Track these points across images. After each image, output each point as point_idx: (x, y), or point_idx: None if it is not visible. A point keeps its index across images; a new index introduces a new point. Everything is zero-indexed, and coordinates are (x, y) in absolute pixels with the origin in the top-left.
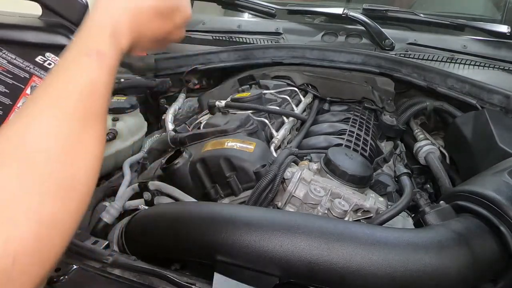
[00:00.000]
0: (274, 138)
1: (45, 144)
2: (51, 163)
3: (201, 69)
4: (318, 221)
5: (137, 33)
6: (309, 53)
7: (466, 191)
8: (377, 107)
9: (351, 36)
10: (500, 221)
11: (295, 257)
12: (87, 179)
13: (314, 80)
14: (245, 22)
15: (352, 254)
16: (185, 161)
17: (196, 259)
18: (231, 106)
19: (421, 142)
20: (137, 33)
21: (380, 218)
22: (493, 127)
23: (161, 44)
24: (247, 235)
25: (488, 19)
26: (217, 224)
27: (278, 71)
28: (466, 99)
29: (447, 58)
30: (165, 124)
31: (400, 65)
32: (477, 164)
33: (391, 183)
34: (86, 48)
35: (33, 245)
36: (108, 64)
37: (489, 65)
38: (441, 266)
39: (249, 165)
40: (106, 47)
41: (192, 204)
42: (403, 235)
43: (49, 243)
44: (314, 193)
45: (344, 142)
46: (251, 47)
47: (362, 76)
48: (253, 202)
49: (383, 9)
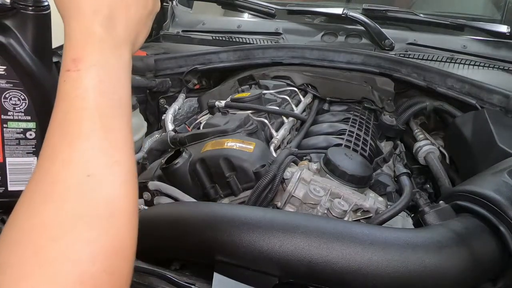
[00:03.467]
0: (274, 138)
1: (76, 177)
2: (88, 192)
3: (201, 69)
4: (317, 221)
5: (120, 19)
6: (309, 53)
7: (465, 191)
8: (377, 107)
9: (351, 36)
10: (500, 221)
11: (295, 257)
12: (125, 196)
13: (314, 80)
14: (245, 22)
15: (351, 254)
16: (185, 161)
17: (196, 259)
18: (231, 106)
19: (421, 142)
20: (120, 19)
21: (379, 218)
22: (493, 127)
23: (149, 24)
24: (247, 235)
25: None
26: (217, 224)
27: (277, 71)
28: (466, 99)
29: (446, 58)
30: (165, 124)
31: (399, 65)
32: (477, 164)
33: (391, 183)
34: (64, 64)
35: (106, 278)
36: (92, 63)
37: (489, 65)
38: (441, 266)
39: (248, 165)
40: (82, 50)
41: (191, 204)
42: (403, 235)
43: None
44: (313, 193)
45: (343, 142)
46: (251, 47)
47: (361, 76)
48: (252, 202)
49: (382, 9)
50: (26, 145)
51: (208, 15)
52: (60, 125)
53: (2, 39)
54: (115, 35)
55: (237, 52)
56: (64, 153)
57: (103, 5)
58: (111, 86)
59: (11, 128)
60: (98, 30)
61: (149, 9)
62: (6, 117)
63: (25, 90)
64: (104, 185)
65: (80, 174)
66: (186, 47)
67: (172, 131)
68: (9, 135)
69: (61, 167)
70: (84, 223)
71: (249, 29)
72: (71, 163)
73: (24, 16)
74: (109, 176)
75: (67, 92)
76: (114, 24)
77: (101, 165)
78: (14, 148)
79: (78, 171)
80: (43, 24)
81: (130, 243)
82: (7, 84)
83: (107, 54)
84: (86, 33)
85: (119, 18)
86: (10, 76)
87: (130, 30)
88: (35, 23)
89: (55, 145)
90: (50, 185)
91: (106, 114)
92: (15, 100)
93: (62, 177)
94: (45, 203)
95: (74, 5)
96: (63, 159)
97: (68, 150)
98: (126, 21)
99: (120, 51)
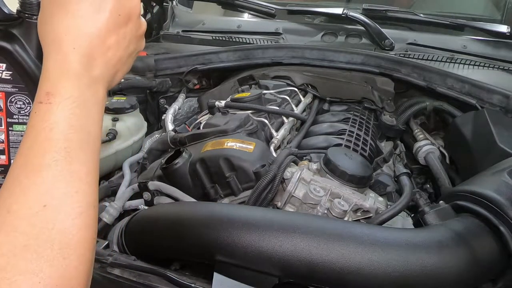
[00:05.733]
0: (274, 138)
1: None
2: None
3: (201, 69)
4: (317, 221)
5: (99, 59)
6: (308, 53)
7: (465, 191)
8: (377, 107)
9: (351, 36)
10: (500, 221)
11: (295, 257)
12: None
13: (314, 80)
14: (245, 22)
15: (351, 254)
16: (185, 161)
17: (196, 259)
18: (231, 106)
19: (421, 142)
20: (98, 59)
21: (379, 218)
22: (493, 127)
23: (129, 62)
24: (247, 235)
25: (488, 19)
26: (217, 224)
27: (277, 71)
28: (466, 99)
29: (447, 58)
30: (165, 124)
31: (399, 65)
32: (477, 164)
33: (391, 183)
34: (38, 95)
35: None
36: (65, 97)
37: (489, 65)
38: (441, 266)
39: (248, 165)
40: (57, 83)
41: (191, 204)
42: (403, 235)
43: None
44: (313, 193)
45: (344, 142)
46: (251, 47)
47: (362, 76)
48: (252, 202)
49: (382, 9)
50: None
51: (208, 15)
52: (25, 155)
53: (9, 46)
54: (92, 73)
55: (237, 52)
56: (22, 183)
57: (83, 44)
58: (82, 120)
59: (16, 131)
60: (75, 66)
61: (129, 51)
62: (11, 120)
63: (29, 94)
64: (59, 216)
65: (35, 205)
66: (186, 47)
67: (172, 131)
68: (14, 138)
69: (18, 197)
70: (31, 253)
71: (249, 29)
72: (28, 193)
73: (29, 24)
74: (65, 206)
75: (36, 123)
76: (92, 62)
77: (58, 196)
78: None
79: (34, 201)
80: None
81: (81, 276)
82: (13, 88)
83: (82, 89)
84: (63, 68)
85: (98, 57)
86: (16, 81)
87: (108, 70)
88: None
89: (17, 175)
90: (5, 214)
91: (72, 146)
92: (20, 104)
93: (17, 207)
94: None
95: (56, 40)
96: (22, 189)
97: (27, 180)
98: (105, 61)
99: (96, 87)
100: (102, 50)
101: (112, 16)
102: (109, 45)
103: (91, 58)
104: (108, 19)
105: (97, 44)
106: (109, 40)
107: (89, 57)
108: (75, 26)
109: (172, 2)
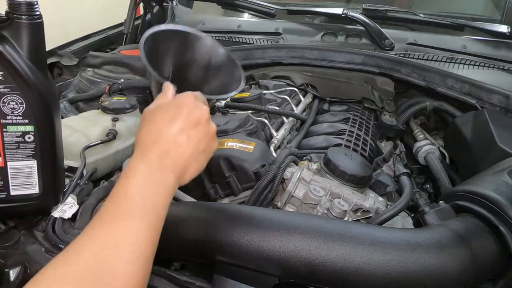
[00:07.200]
0: (274, 138)
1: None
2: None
3: None
4: (317, 221)
5: (172, 152)
6: (308, 53)
7: (465, 191)
8: (377, 107)
9: (351, 36)
10: (500, 221)
11: (295, 257)
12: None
13: (314, 80)
14: (245, 22)
15: (351, 254)
16: None
17: (196, 259)
18: (231, 106)
19: (421, 142)
20: (171, 152)
21: (379, 218)
22: (493, 127)
23: (201, 158)
24: (247, 235)
25: (488, 19)
26: (217, 224)
27: (277, 71)
28: (466, 99)
29: (446, 58)
30: None
31: (399, 65)
32: (477, 164)
33: (391, 183)
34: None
35: None
36: (139, 174)
37: (488, 65)
38: (441, 266)
39: (248, 165)
40: (136, 167)
41: (191, 204)
42: (403, 235)
43: None
44: (313, 193)
45: (343, 142)
46: (251, 47)
47: (362, 76)
48: (252, 202)
49: (382, 9)
50: (25, 148)
51: (208, 15)
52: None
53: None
54: (165, 162)
55: (237, 52)
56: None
57: (161, 140)
58: (149, 194)
59: (10, 132)
60: (152, 156)
61: (200, 148)
62: (5, 121)
63: (21, 94)
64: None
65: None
66: None
67: None
68: (9, 139)
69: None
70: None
71: (249, 29)
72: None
73: (18, 25)
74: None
75: (115, 189)
76: (165, 155)
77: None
78: (14, 152)
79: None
80: (36, 32)
81: None
82: (4, 89)
83: (153, 171)
84: (144, 157)
85: (171, 152)
86: (8, 81)
87: (179, 162)
88: (29, 31)
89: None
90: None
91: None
92: (13, 104)
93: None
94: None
95: (142, 140)
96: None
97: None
98: (177, 155)
99: (166, 173)
100: (175, 146)
101: (183, 123)
102: (180, 142)
103: (165, 152)
104: (180, 125)
105: (170, 141)
106: (180, 139)
107: (164, 151)
108: (155, 130)
109: (172, 2)
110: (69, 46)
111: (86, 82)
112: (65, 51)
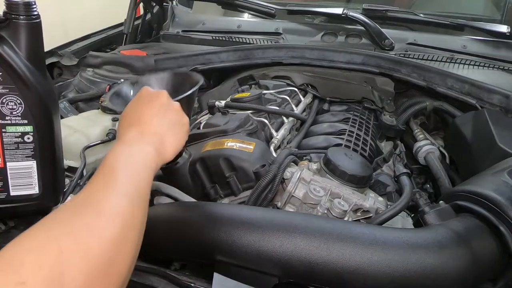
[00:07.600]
0: (274, 138)
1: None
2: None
3: (201, 69)
4: (317, 221)
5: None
6: (308, 53)
7: (465, 191)
8: (377, 107)
9: (351, 36)
10: (500, 221)
11: (295, 257)
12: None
13: (314, 80)
14: (245, 22)
15: (351, 254)
16: (185, 161)
17: (196, 259)
18: (231, 106)
19: (421, 142)
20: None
21: (379, 218)
22: (493, 127)
23: (180, 131)
24: (247, 235)
25: (487, 19)
26: (217, 224)
27: (277, 71)
28: (466, 99)
29: (446, 58)
30: None
31: (399, 65)
32: (477, 164)
33: (391, 183)
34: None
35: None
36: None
37: (488, 65)
38: (441, 266)
39: (248, 165)
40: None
41: (191, 204)
42: (403, 235)
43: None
44: (313, 193)
45: (343, 142)
46: (251, 47)
47: (361, 76)
48: (252, 202)
49: (382, 9)
50: (25, 148)
51: (208, 15)
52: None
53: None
54: (141, 139)
55: (237, 52)
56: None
57: (133, 123)
58: (131, 164)
59: (9, 132)
60: (129, 137)
61: (172, 122)
62: (4, 121)
63: (20, 95)
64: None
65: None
66: (186, 47)
67: None
68: (8, 140)
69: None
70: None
71: (249, 29)
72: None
73: (16, 25)
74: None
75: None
76: (141, 133)
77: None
78: (14, 152)
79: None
80: (34, 32)
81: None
82: (3, 89)
83: (131, 146)
84: (122, 140)
85: (145, 129)
86: (6, 82)
87: (154, 135)
88: (27, 31)
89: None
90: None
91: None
92: (11, 105)
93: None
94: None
95: (120, 130)
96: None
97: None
98: (150, 131)
99: (143, 146)
100: (147, 124)
101: (147, 106)
102: (150, 120)
103: (140, 131)
104: (146, 108)
105: (142, 121)
106: (148, 118)
107: (139, 131)
108: (127, 119)
109: (172, 2)
110: (69, 46)
111: (86, 82)
112: (65, 51)
